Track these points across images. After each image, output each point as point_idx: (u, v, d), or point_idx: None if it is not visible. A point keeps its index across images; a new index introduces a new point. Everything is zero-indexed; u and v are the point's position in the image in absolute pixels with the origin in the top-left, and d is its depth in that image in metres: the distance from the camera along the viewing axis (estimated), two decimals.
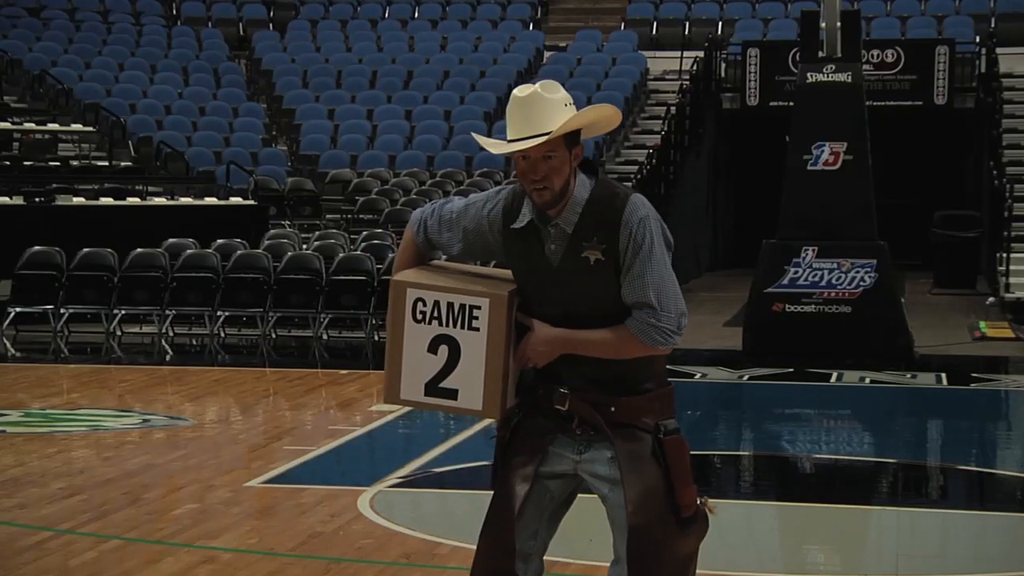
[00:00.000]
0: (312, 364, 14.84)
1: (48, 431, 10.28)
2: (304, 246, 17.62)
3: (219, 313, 16.05)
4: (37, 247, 16.25)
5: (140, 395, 12.30)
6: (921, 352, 14.76)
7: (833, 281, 14.57)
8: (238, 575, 6.49)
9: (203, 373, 13.58)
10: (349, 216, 21.33)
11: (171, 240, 16.85)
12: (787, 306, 14.68)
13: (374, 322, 15.58)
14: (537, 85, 3.92)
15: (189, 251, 16.53)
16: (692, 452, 4.07)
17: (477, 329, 3.91)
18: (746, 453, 10.66)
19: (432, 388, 3.98)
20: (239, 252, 16.54)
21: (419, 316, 3.97)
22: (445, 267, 4.14)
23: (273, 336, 16.02)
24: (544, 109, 3.86)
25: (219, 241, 16.93)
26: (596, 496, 4.09)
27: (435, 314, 3.95)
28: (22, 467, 8.92)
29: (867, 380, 13.44)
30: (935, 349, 15.17)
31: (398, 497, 8.34)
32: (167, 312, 16.08)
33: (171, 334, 16.05)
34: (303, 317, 16.13)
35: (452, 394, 3.96)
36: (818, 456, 10.47)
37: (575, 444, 4.01)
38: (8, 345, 15.40)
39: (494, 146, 4.03)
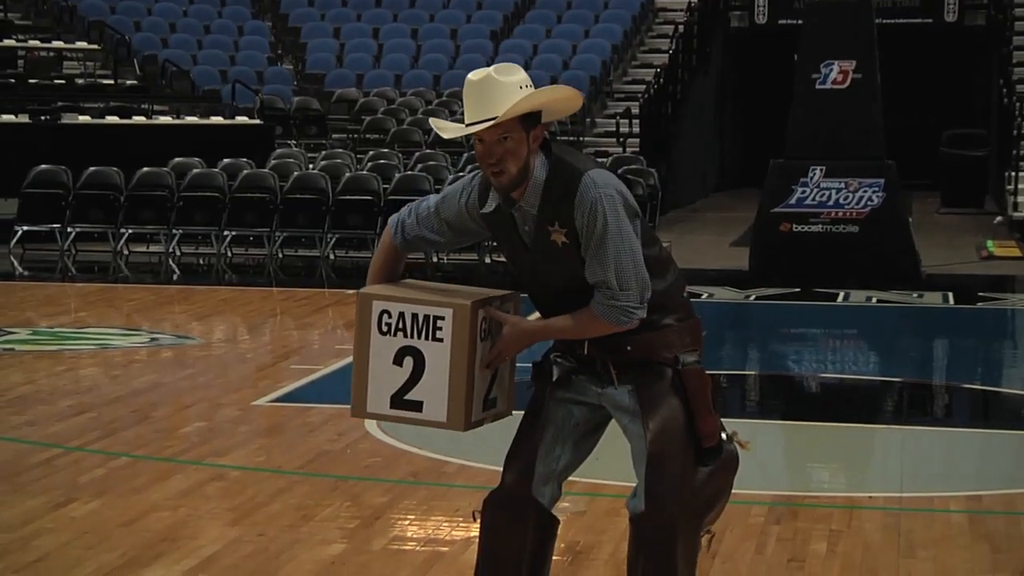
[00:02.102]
0: (319, 284, 14.85)
1: (56, 349, 10.32)
2: (310, 166, 17.56)
3: (226, 233, 16.04)
4: (43, 166, 16.22)
5: (147, 314, 12.33)
6: (928, 271, 14.75)
7: (840, 201, 14.53)
8: (246, 492, 6.53)
9: (210, 292, 13.60)
10: (355, 136, 21.25)
11: (177, 159, 16.80)
12: (794, 226, 14.65)
13: None
14: (492, 68, 3.92)
15: (195, 170, 16.48)
16: None
17: (441, 340, 3.93)
18: (752, 373, 10.68)
19: (397, 400, 4.00)
20: (245, 172, 16.50)
21: (384, 328, 3.98)
22: (414, 284, 4.15)
23: (280, 256, 16.01)
24: (497, 92, 3.85)
25: (225, 160, 16.88)
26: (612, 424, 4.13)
27: (400, 325, 3.97)
28: (31, 384, 8.96)
29: (874, 300, 13.45)
30: (942, 268, 15.15)
31: None
32: (174, 232, 16.07)
33: (178, 253, 16.06)
34: (309, 237, 16.11)
35: (417, 406, 3.98)
36: (824, 375, 10.50)
37: (600, 379, 4.06)
38: (15, 264, 15.42)
39: (447, 131, 4.06)
